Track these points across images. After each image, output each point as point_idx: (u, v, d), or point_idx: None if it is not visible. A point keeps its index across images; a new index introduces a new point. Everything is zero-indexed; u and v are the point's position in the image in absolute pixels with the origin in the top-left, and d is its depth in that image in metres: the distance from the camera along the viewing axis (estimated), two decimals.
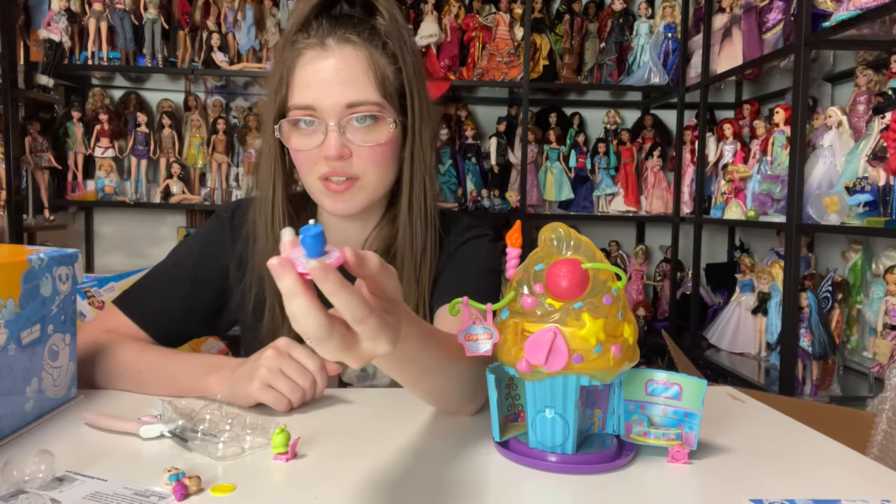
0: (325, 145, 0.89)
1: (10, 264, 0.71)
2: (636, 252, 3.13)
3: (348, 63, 0.89)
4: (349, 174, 0.91)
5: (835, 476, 0.70)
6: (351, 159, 0.90)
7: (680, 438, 0.70)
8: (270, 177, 0.97)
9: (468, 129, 2.94)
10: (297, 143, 0.92)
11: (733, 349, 2.59)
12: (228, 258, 1.01)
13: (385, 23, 0.92)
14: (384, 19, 0.92)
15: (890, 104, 1.85)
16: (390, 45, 0.91)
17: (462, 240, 1.01)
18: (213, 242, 1.03)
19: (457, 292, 0.93)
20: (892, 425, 1.41)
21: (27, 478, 0.59)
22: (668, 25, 2.86)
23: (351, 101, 0.88)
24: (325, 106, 0.88)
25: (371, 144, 0.90)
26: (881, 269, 2.00)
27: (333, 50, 0.89)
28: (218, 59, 2.72)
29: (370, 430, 0.78)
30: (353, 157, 0.90)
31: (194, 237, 1.07)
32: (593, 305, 0.64)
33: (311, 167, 0.91)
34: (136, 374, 0.90)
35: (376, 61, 0.90)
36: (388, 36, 0.92)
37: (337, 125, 0.88)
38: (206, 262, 1.02)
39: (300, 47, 0.90)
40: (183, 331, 1.04)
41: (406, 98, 0.93)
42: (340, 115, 0.88)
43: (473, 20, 2.85)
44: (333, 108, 0.88)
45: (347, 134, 0.89)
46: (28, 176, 2.63)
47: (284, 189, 0.97)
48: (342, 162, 0.90)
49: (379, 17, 0.92)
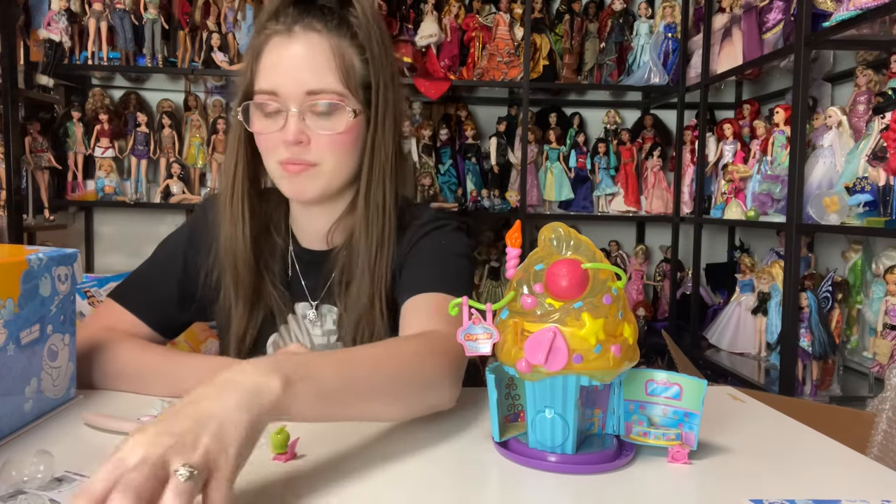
0: (284, 130, 0.90)
1: (10, 264, 0.71)
2: (636, 252, 3.14)
3: (312, 51, 0.90)
4: (307, 161, 0.92)
5: (835, 476, 0.70)
6: (309, 146, 0.91)
7: (680, 438, 0.70)
8: (233, 160, 0.98)
9: (468, 129, 2.94)
10: (259, 126, 0.93)
11: (733, 349, 2.59)
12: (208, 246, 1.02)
13: (356, 14, 0.93)
14: (356, 10, 0.93)
15: (890, 104, 1.85)
16: (360, 35, 0.92)
17: (422, 231, 1.00)
18: (198, 230, 1.04)
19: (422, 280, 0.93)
20: (892, 425, 1.41)
21: (26, 478, 0.59)
22: (668, 25, 2.86)
23: (311, 89, 0.89)
24: (286, 91, 0.89)
25: (329, 132, 0.91)
26: (881, 269, 2.00)
27: (299, 37, 0.90)
28: (218, 59, 2.72)
29: (370, 431, 0.78)
30: (312, 144, 0.91)
31: (180, 229, 1.09)
32: (593, 305, 0.64)
33: (272, 151, 0.93)
34: (135, 375, 0.89)
35: (342, 51, 0.91)
36: (358, 27, 0.92)
37: (298, 111, 0.90)
38: (193, 249, 1.03)
39: (268, 33, 0.92)
40: (180, 317, 1.05)
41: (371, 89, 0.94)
42: (301, 101, 0.90)
43: (473, 20, 2.85)
44: (295, 94, 0.89)
45: (307, 121, 0.90)
46: (28, 176, 2.63)
47: (245, 173, 0.98)
48: (300, 147, 0.91)
49: (351, 8, 0.93)
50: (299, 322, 1.03)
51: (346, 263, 0.98)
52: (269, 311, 1.02)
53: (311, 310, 1.03)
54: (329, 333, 1.03)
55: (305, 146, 0.91)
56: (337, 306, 1.01)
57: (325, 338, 1.03)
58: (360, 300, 0.96)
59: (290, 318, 1.03)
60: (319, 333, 1.03)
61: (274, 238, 1.03)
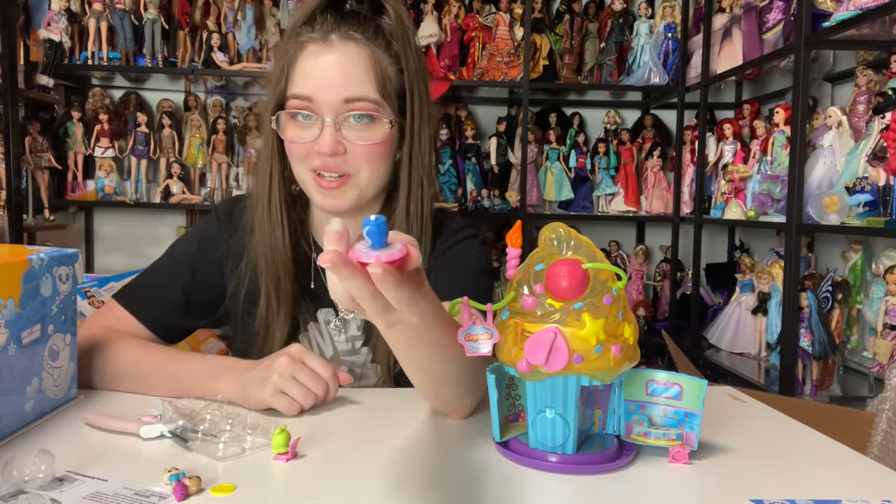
0: (319, 140, 0.89)
1: (11, 264, 0.71)
2: (636, 252, 3.14)
3: (350, 59, 0.89)
4: (341, 170, 0.91)
5: (835, 476, 0.70)
6: (345, 156, 0.91)
7: (680, 438, 0.70)
8: (268, 168, 0.97)
9: (468, 129, 2.94)
10: (292, 134, 0.92)
11: (733, 349, 2.59)
12: (223, 253, 1.02)
13: (391, 23, 0.92)
14: (390, 19, 0.92)
15: (890, 104, 1.85)
16: (394, 45, 0.92)
17: (453, 241, 1.01)
18: (210, 237, 1.04)
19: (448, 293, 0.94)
20: (892, 425, 1.41)
21: (27, 478, 0.59)
22: (668, 25, 2.86)
23: (349, 97, 0.89)
24: (322, 99, 0.89)
25: (366, 143, 0.90)
26: (881, 269, 2.00)
27: (336, 45, 0.89)
28: (218, 59, 2.72)
29: (370, 431, 0.78)
30: (347, 154, 0.91)
31: (192, 232, 1.08)
32: (593, 305, 0.64)
33: (304, 159, 0.92)
34: (135, 377, 0.89)
35: (378, 60, 0.90)
36: (393, 36, 0.92)
37: (333, 121, 0.89)
38: (203, 256, 1.02)
39: (303, 40, 0.91)
40: (183, 324, 1.04)
41: (406, 99, 0.93)
42: (337, 110, 0.89)
43: (473, 20, 2.85)
44: (331, 103, 0.89)
45: (343, 131, 0.90)
46: (28, 176, 2.63)
47: (281, 181, 0.98)
48: (335, 158, 0.90)
49: (385, 16, 0.92)
50: (321, 329, 1.02)
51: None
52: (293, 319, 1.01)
53: (334, 316, 1.02)
54: (353, 340, 1.02)
55: (341, 156, 0.90)
56: None
57: (348, 343, 1.02)
58: None
59: (311, 325, 1.02)
60: (343, 340, 1.02)
61: (302, 245, 1.02)
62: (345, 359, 1.01)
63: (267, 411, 0.81)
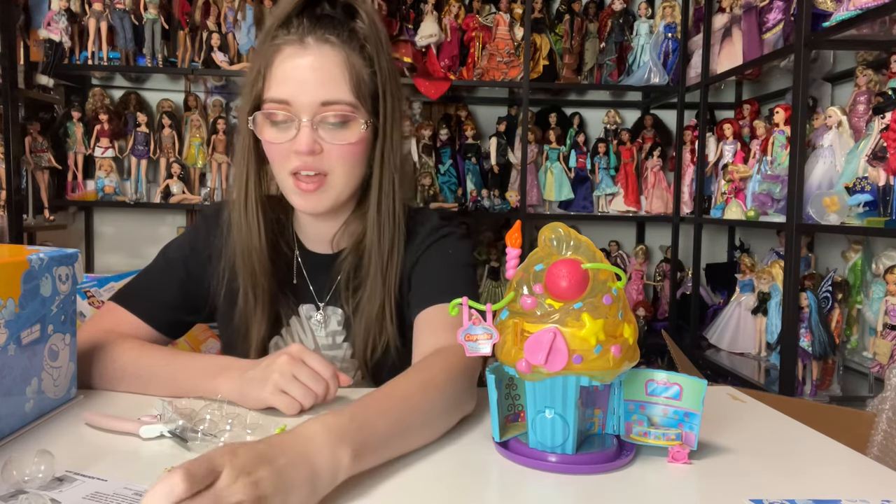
0: (296, 140, 0.91)
1: (10, 264, 0.71)
2: (636, 252, 3.13)
3: (326, 62, 0.91)
4: (318, 169, 0.93)
5: (835, 476, 0.70)
6: (321, 155, 0.92)
7: (680, 438, 0.70)
8: (244, 169, 0.99)
9: (468, 129, 2.94)
10: (269, 135, 0.94)
11: (733, 349, 2.59)
12: (211, 252, 1.03)
13: (364, 26, 0.94)
14: (363, 23, 0.94)
15: (890, 104, 1.85)
16: (368, 48, 0.94)
17: (431, 240, 1.02)
18: (200, 237, 1.06)
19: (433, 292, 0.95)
20: (892, 425, 1.41)
21: (27, 478, 0.59)
22: (668, 25, 2.86)
23: (325, 100, 0.91)
24: (299, 102, 0.90)
25: (342, 143, 0.92)
26: (881, 269, 2.00)
27: (312, 48, 0.91)
28: (218, 59, 2.72)
29: None
30: (324, 154, 0.93)
31: (183, 234, 1.11)
32: (593, 305, 0.64)
33: (283, 161, 0.94)
34: (135, 377, 0.90)
35: (353, 63, 0.92)
36: (366, 39, 0.94)
37: (310, 121, 0.91)
38: (195, 255, 1.05)
39: (279, 43, 0.92)
40: (183, 319, 1.06)
41: (378, 100, 0.96)
42: (314, 112, 0.91)
43: (473, 20, 2.85)
44: (308, 105, 0.90)
45: (319, 131, 0.92)
46: (28, 176, 2.63)
47: (257, 181, 0.99)
48: (312, 157, 0.92)
49: (359, 20, 0.95)
50: (302, 324, 1.05)
51: (352, 268, 1.01)
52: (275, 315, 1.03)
53: (316, 312, 1.04)
54: (334, 334, 1.04)
55: (318, 156, 0.92)
56: (343, 309, 1.03)
57: (329, 338, 1.04)
58: (371, 306, 0.98)
59: (294, 319, 1.05)
60: (324, 335, 1.04)
61: (281, 243, 1.04)
62: (325, 353, 1.04)
63: (267, 411, 0.81)
